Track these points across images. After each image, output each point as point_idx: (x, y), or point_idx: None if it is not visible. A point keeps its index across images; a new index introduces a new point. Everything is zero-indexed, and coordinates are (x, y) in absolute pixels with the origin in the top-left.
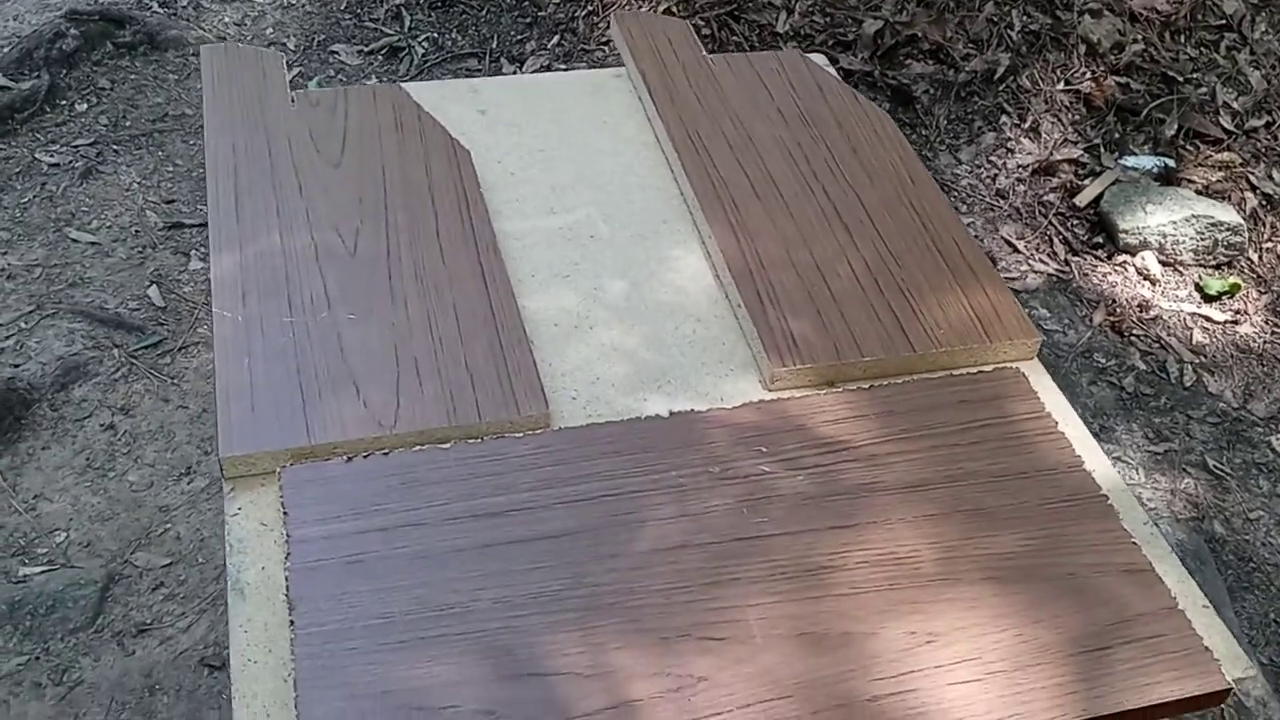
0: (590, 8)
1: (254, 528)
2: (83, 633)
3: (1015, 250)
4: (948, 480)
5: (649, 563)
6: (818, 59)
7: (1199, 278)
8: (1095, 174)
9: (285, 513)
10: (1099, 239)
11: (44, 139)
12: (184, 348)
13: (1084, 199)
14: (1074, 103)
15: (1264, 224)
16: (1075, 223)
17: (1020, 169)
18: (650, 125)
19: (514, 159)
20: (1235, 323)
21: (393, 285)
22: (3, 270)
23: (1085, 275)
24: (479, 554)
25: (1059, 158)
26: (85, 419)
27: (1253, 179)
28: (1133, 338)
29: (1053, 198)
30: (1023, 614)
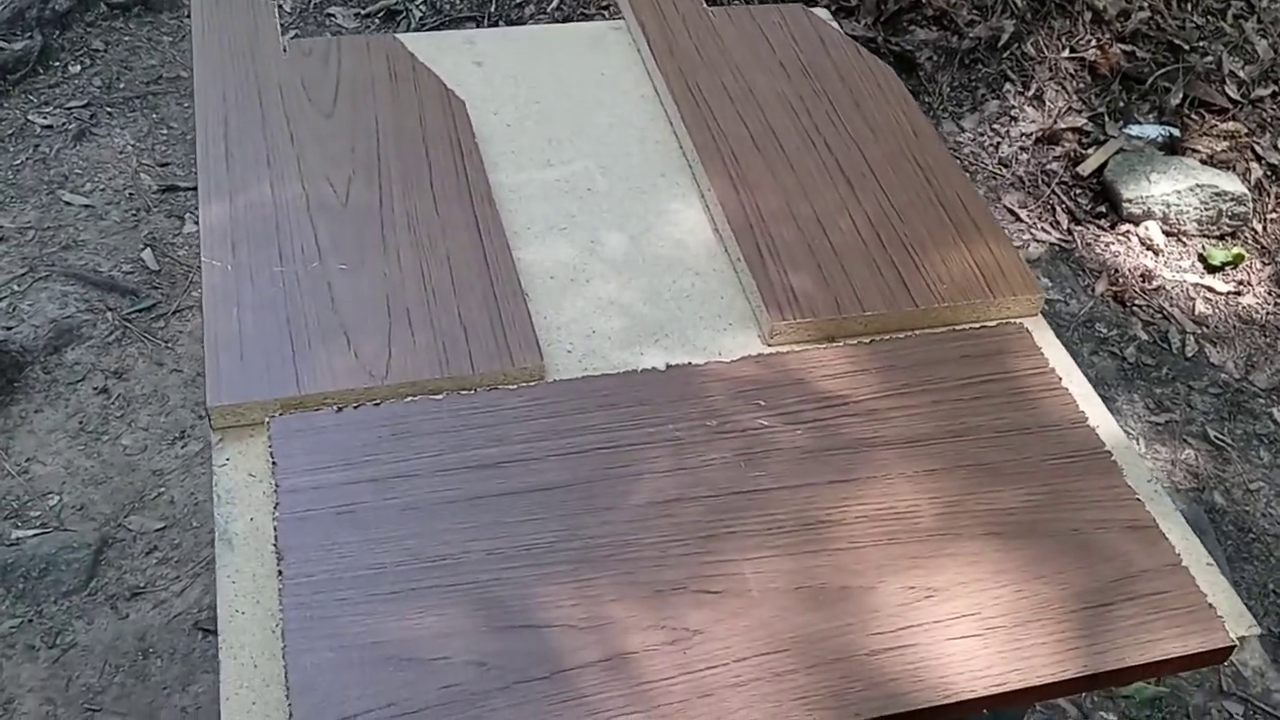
0: None
1: (242, 478)
2: (76, 596)
3: (1018, 219)
4: (949, 435)
5: (644, 516)
6: (820, 13)
7: (1202, 248)
8: (1099, 143)
9: (274, 463)
10: (1102, 208)
11: (37, 100)
12: (178, 311)
13: (1088, 168)
14: (1079, 70)
15: (1269, 194)
16: (1078, 192)
17: (1024, 137)
18: (649, 78)
19: (510, 111)
20: (1238, 294)
21: (385, 236)
22: None
23: (1088, 245)
24: (471, 506)
25: (1063, 126)
26: (78, 382)
27: (1258, 149)
28: (1135, 308)
29: (1056, 166)
30: (1024, 569)
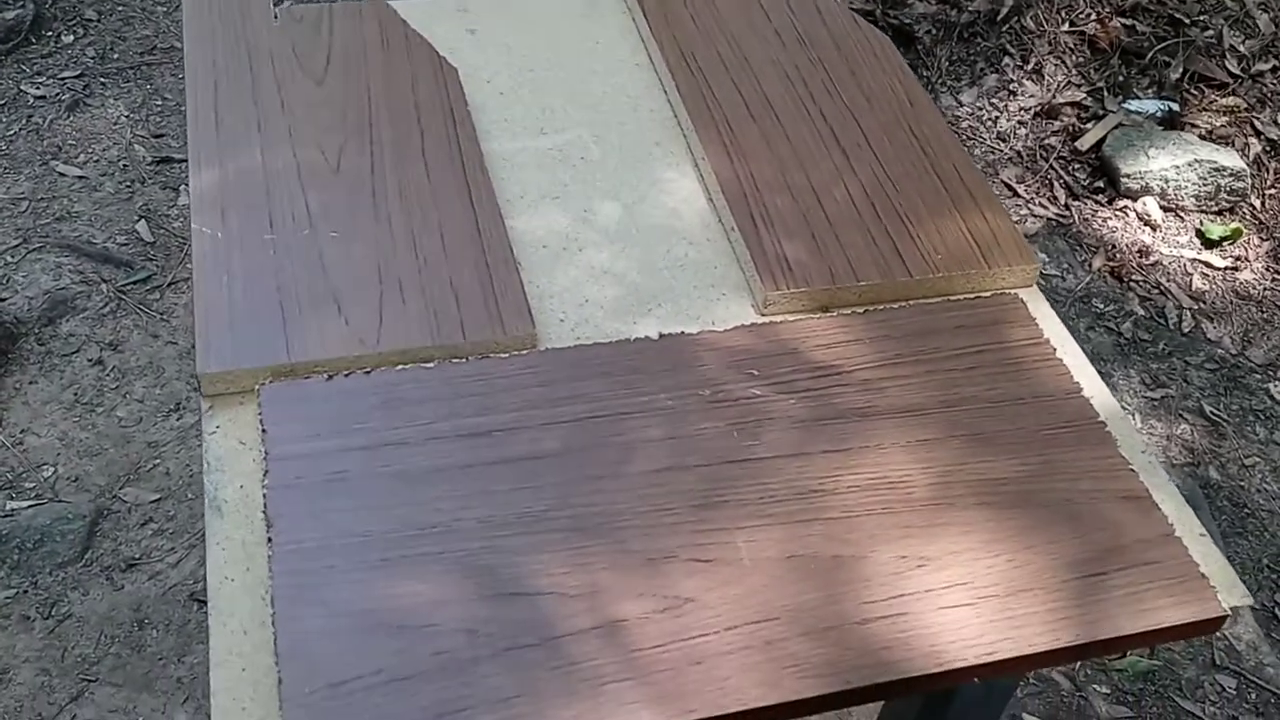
0: None
1: (232, 446)
2: (71, 567)
3: (1015, 194)
4: (943, 405)
5: (636, 485)
6: None
7: (1200, 223)
8: (1098, 117)
9: (264, 430)
10: (1100, 183)
11: (29, 70)
12: (173, 283)
13: (1086, 143)
14: (1078, 45)
15: (1267, 170)
16: (1076, 167)
17: (1022, 111)
18: (644, 46)
19: (504, 79)
20: (1235, 269)
21: (376, 203)
22: None
23: (1085, 220)
24: (462, 474)
25: (1062, 100)
26: (73, 354)
27: (1257, 124)
28: (1132, 283)
29: (1054, 141)
30: (1017, 539)
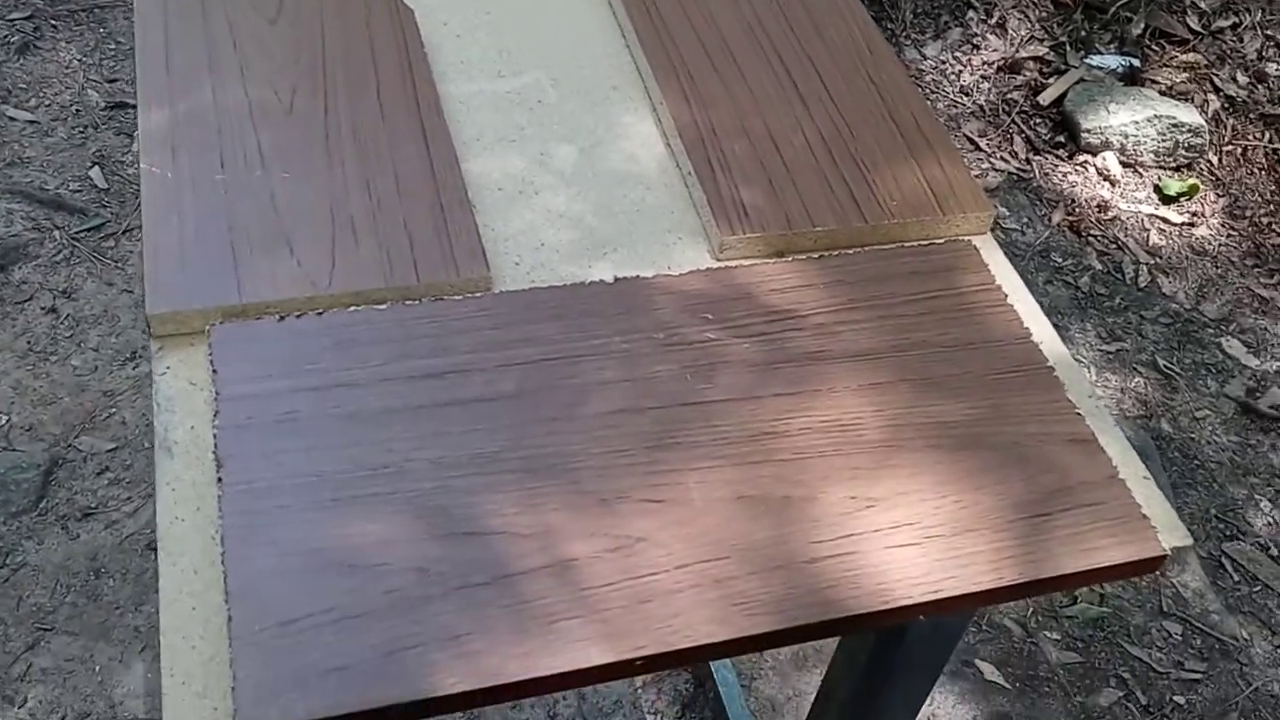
0: None
1: (182, 386)
2: (26, 516)
3: (977, 148)
4: (895, 350)
5: (590, 427)
6: None
7: (1158, 179)
8: (1060, 72)
9: (214, 371)
10: (1061, 138)
11: None
12: (128, 231)
13: (1048, 97)
14: None
15: (1225, 126)
16: (1038, 121)
17: (985, 65)
18: None
19: (460, 20)
20: (1192, 225)
21: (330, 144)
22: None
23: (1046, 175)
24: (414, 415)
25: (1024, 55)
26: (26, 302)
27: (1216, 80)
28: (1090, 238)
29: (1017, 95)
30: (964, 481)
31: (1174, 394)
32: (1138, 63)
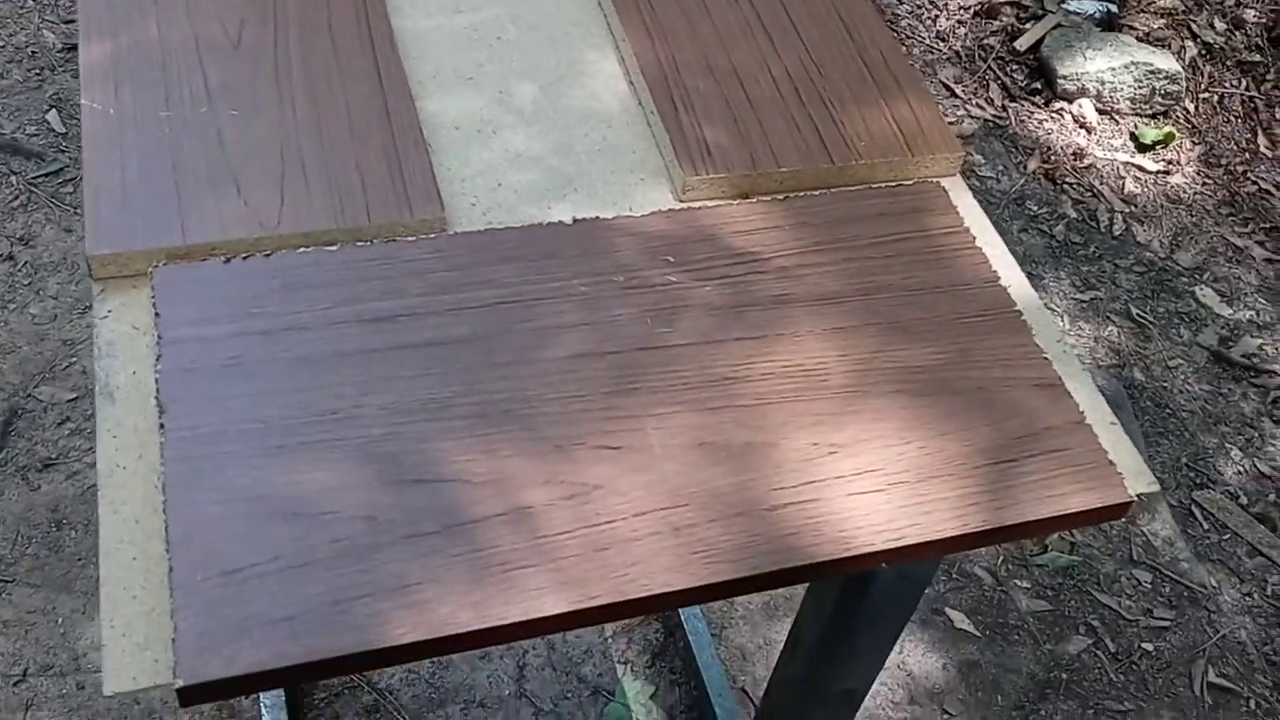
0: None
1: (125, 330)
2: None
3: (953, 94)
4: (861, 293)
5: (546, 371)
6: None
7: (1135, 126)
8: (1037, 17)
9: (157, 314)
10: (1037, 85)
11: None
12: None
13: (1024, 43)
14: None
15: (1202, 73)
16: (1015, 67)
17: (962, 10)
18: None
19: None
20: (1167, 173)
21: (279, 81)
22: None
23: (1022, 122)
24: (365, 359)
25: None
26: None
27: (1194, 27)
28: (1066, 186)
29: (993, 41)
30: (929, 426)
31: (1147, 343)
32: (1115, 8)
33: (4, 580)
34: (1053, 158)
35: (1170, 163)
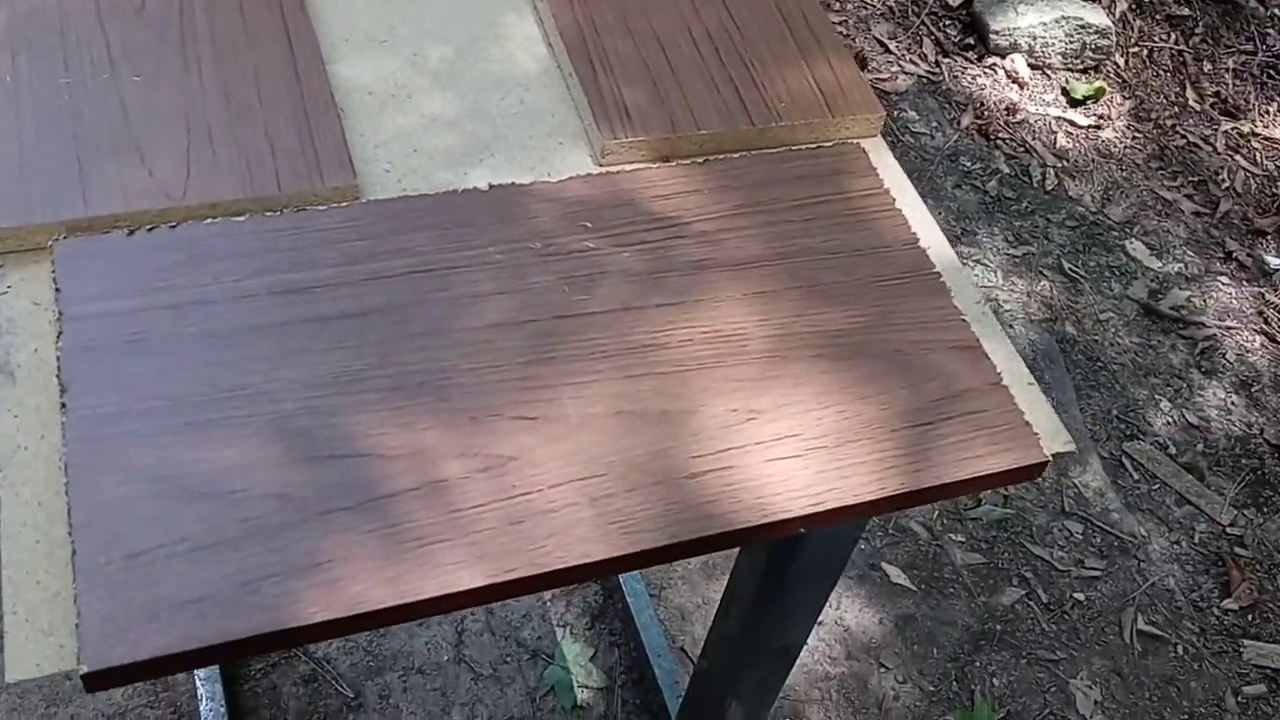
0: None
1: (26, 306)
2: None
3: (886, 50)
4: (781, 257)
5: (461, 342)
6: None
7: (1066, 81)
8: None
9: (58, 289)
10: (970, 40)
11: None
12: None
13: None
14: None
15: (1132, 28)
16: (948, 23)
17: None
18: None
19: None
20: (1098, 127)
21: (185, 46)
22: None
23: (955, 78)
24: (275, 332)
25: None
26: None
27: None
28: (998, 141)
29: None
30: (848, 390)
31: (1079, 297)
32: None
33: None
34: (986, 113)
35: (1101, 117)
